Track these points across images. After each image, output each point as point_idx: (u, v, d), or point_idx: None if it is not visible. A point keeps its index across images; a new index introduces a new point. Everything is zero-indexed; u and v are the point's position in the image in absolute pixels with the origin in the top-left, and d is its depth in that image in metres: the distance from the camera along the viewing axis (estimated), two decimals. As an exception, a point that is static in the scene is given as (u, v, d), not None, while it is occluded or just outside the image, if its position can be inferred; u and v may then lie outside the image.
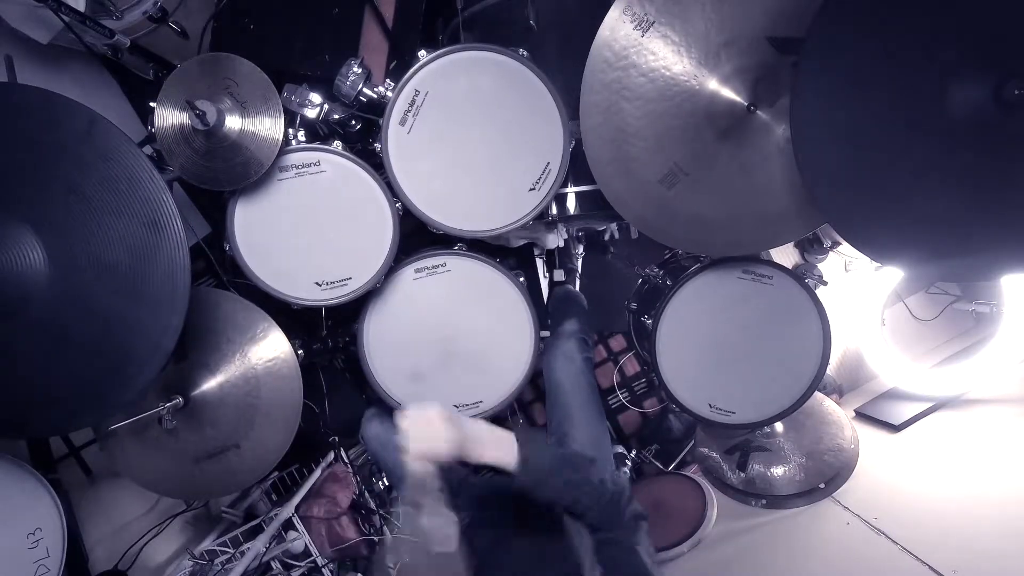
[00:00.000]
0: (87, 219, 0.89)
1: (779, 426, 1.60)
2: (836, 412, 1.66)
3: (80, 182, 0.89)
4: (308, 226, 1.19)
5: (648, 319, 1.41)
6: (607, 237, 1.71)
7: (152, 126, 1.07)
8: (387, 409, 1.36)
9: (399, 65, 1.31)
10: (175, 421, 1.10)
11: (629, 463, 1.80)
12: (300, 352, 1.25)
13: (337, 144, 1.17)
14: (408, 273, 1.29)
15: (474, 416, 1.36)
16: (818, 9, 0.92)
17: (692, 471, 1.79)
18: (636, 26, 1.03)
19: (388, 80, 1.19)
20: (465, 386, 1.35)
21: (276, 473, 1.57)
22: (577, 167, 1.22)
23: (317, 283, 1.21)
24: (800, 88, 0.97)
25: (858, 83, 0.93)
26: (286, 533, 1.40)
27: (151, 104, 1.06)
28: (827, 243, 1.93)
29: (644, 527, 1.02)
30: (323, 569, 1.40)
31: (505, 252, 1.56)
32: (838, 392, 2.02)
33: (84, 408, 0.98)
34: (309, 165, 1.16)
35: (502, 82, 1.16)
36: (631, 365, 2.12)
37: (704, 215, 1.14)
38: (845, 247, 1.94)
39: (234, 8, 1.26)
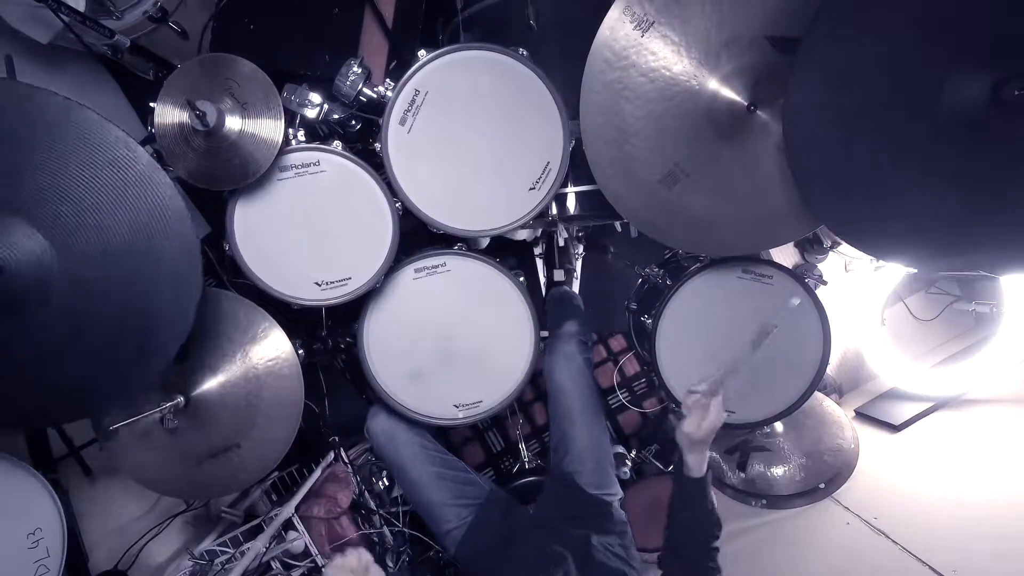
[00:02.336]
0: (93, 211, 0.90)
1: (779, 426, 1.60)
2: (836, 412, 1.67)
3: (80, 182, 0.89)
4: (308, 226, 1.19)
5: (648, 319, 1.41)
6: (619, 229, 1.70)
7: (152, 126, 1.06)
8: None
9: (399, 65, 1.31)
10: (176, 421, 1.10)
11: (629, 463, 1.80)
12: (300, 352, 1.25)
13: (337, 144, 1.17)
14: (408, 273, 1.29)
15: (475, 416, 1.36)
16: (817, 9, 0.92)
17: (692, 471, 1.79)
18: (636, 26, 1.03)
19: (388, 80, 1.19)
20: (465, 386, 1.35)
21: (276, 473, 1.57)
22: (577, 167, 1.22)
23: (317, 283, 1.21)
24: (796, 88, 0.97)
25: (856, 82, 0.93)
26: (286, 533, 1.40)
27: (151, 104, 1.06)
28: (827, 243, 1.93)
29: None
30: (323, 569, 1.40)
31: (505, 252, 1.56)
32: (838, 392, 2.02)
33: (108, 391, 1.00)
34: (309, 165, 1.16)
35: (502, 82, 1.16)
36: (631, 365, 2.12)
37: (704, 215, 1.14)
38: (845, 247, 1.94)
39: (234, 8, 1.26)
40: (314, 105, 1.17)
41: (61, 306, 0.91)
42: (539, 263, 1.88)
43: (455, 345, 1.32)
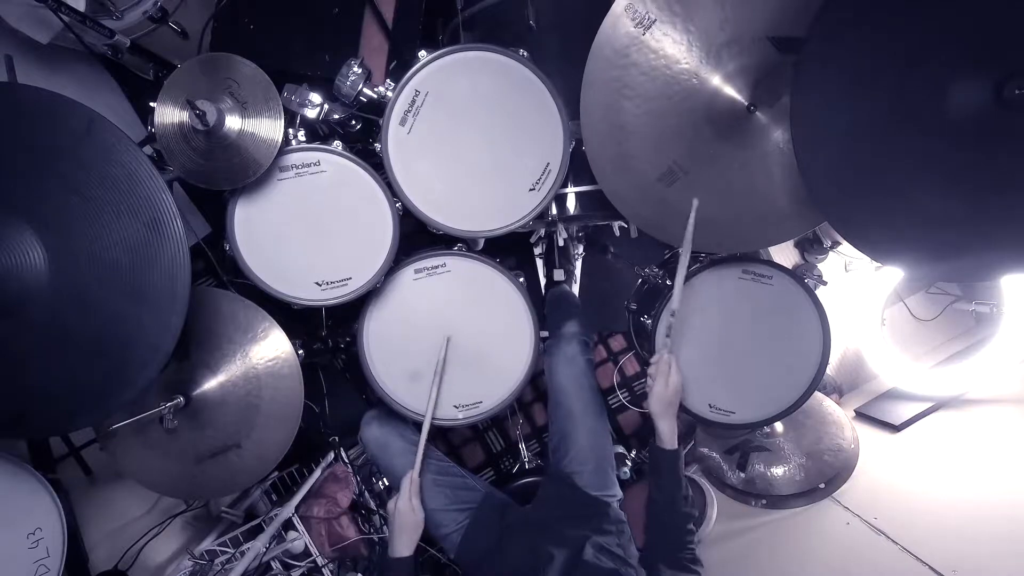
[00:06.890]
0: (87, 218, 0.89)
1: (779, 426, 1.60)
2: (836, 412, 1.66)
3: (80, 182, 0.89)
4: (308, 226, 1.19)
5: (648, 319, 1.41)
6: (618, 232, 1.69)
7: (152, 126, 1.06)
8: (387, 411, 1.36)
9: (399, 65, 1.31)
10: (176, 421, 1.09)
11: (629, 463, 1.80)
12: (300, 352, 1.25)
13: (337, 144, 1.17)
14: (408, 273, 1.29)
15: (474, 416, 1.36)
16: (819, 9, 0.92)
17: (692, 471, 1.79)
18: (637, 24, 1.03)
19: (388, 80, 1.19)
20: (465, 386, 1.34)
21: (276, 473, 1.57)
22: (577, 167, 1.22)
23: (317, 283, 1.21)
24: (800, 88, 0.97)
25: (858, 83, 0.93)
26: (286, 533, 1.40)
27: (151, 104, 1.06)
28: (827, 243, 1.93)
29: None
30: (323, 569, 1.41)
31: (505, 252, 1.56)
32: (838, 392, 2.02)
33: (84, 408, 0.98)
34: (309, 165, 1.16)
35: (502, 82, 1.16)
36: (631, 365, 2.13)
37: (703, 213, 1.14)
38: (845, 247, 1.94)
39: (234, 8, 1.26)
40: (314, 105, 1.17)
41: (43, 317, 0.90)
42: (539, 263, 1.88)
43: (455, 345, 1.32)
